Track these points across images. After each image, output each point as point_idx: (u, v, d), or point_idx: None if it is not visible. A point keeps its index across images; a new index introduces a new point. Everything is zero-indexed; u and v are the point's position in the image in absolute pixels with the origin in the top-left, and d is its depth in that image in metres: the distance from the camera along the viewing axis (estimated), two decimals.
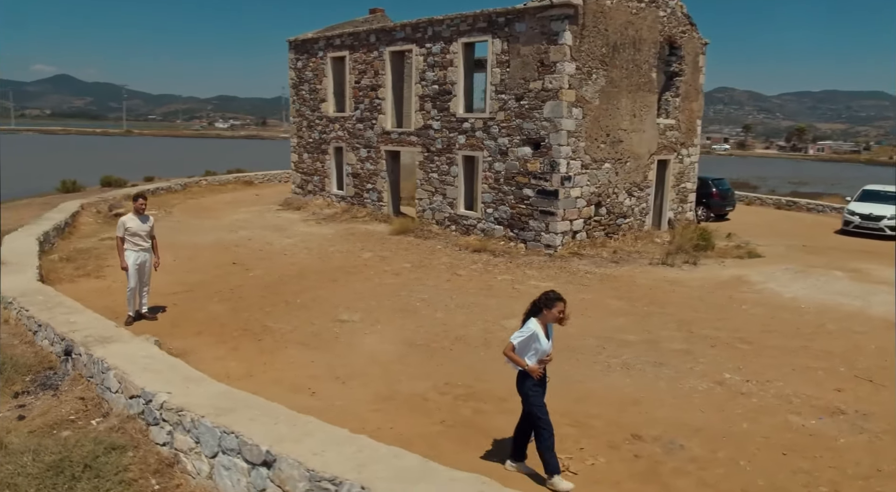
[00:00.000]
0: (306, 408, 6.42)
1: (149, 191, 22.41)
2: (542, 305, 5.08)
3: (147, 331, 8.50)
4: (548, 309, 5.05)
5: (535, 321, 5.08)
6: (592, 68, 13.53)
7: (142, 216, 9.09)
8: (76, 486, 4.76)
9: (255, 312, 9.55)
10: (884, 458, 5.55)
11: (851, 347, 8.44)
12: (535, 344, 5.06)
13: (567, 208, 13.61)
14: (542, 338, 5.07)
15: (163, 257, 13.08)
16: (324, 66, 19.05)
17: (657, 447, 5.74)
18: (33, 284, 9.03)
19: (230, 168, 33.01)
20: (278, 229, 16.47)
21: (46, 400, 6.25)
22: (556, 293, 5.13)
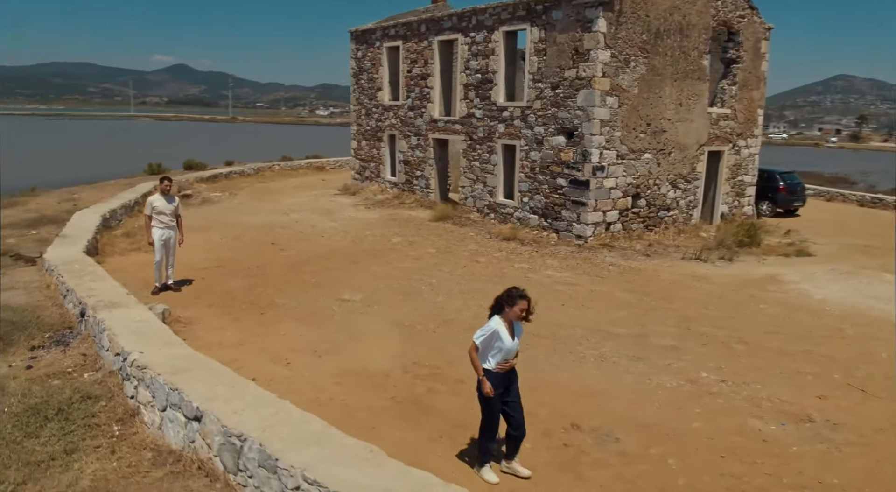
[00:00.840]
0: (274, 376, 6.95)
1: (222, 174, 24.05)
2: (505, 303, 4.92)
3: (168, 300, 9.34)
4: (510, 307, 4.88)
5: (497, 319, 4.94)
6: (631, 56, 13.14)
7: (167, 197, 9.91)
8: (46, 426, 5.45)
9: (269, 288, 10.19)
10: (832, 470, 5.26)
11: (861, 353, 7.88)
12: (498, 342, 4.91)
13: (599, 199, 13.36)
14: (504, 336, 4.90)
15: (210, 236, 14.20)
16: (380, 56, 19.58)
17: (590, 439, 5.74)
18: (77, 254, 10.11)
19: (308, 154, 34.55)
20: (327, 213, 17.23)
21: (55, 354, 7.08)
22: (520, 291, 4.95)
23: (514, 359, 5.04)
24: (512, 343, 4.96)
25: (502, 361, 4.95)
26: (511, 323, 4.97)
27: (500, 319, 4.93)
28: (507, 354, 4.96)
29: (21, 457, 5.02)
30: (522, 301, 4.87)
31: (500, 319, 4.93)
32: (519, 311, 4.89)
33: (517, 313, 4.89)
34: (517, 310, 4.87)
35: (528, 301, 4.91)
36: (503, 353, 4.93)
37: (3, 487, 4.71)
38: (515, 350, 5.03)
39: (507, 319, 4.94)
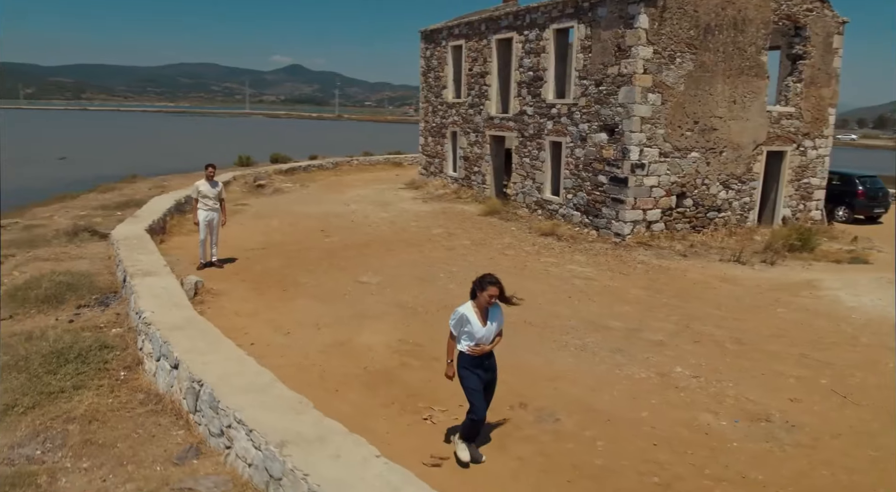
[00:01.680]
0: (271, 343, 7.73)
1: (301, 167, 25.60)
2: (476, 288, 4.96)
3: (209, 275, 10.43)
4: (480, 292, 4.92)
5: (468, 304, 5.00)
6: (676, 52, 12.88)
7: (212, 182, 10.98)
8: (65, 366, 6.47)
9: (300, 269, 11.06)
10: (762, 468, 5.21)
11: (866, 361, 7.52)
12: (468, 327, 4.97)
13: (639, 197, 13.22)
14: (473, 322, 4.95)
15: (270, 222, 15.39)
16: (445, 55, 20.18)
17: (531, 417, 6.00)
18: (139, 231, 11.46)
19: (390, 150, 35.83)
20: (384, 205, 18.06)
21: (95, 312, 8.23)
22: (492, 277, 4.96)
23: (490, 345, 5.07)
24: (483, 329, 4.97)
25: (474, 345, 5.01)
26: (485, 309, 4.99)
27: (472, 305, 4.99)
28: (480, 340, 4.99)
29: (37, 388, 6.04)
30: (492, 287, 4.89)
31: (472, 305, 4.99)
32: (488, 297, 4.91)
33: (486, 299, 4.92)
34: (486, 296, 4.90)
35: (499, 288, 4.92)
36: (472, 339, 4.98)
37: (15, 409, 5.72)
38: (489, 336, 5.03)
39: (478, 305, 4.97)
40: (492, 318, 5.03)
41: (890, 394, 6.62)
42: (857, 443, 5.62)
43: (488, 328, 5.01)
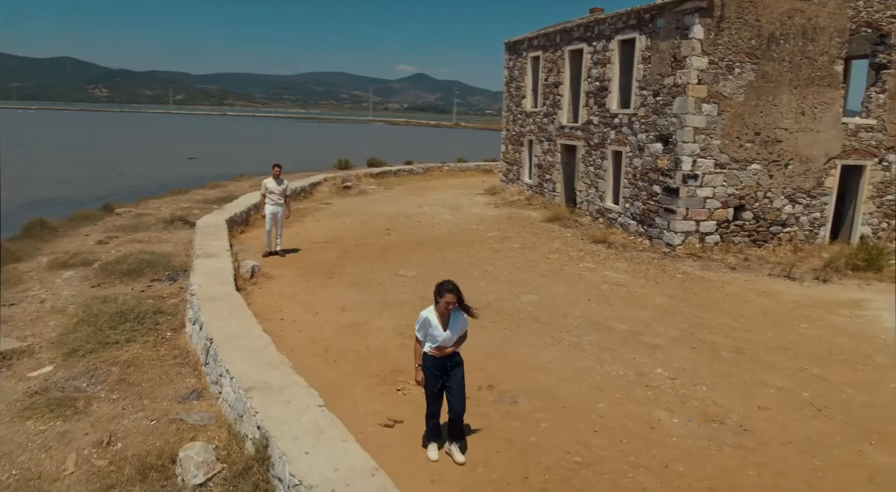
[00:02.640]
0: (297, 319, 8.83)
1: (391, 171, 27.10)
2: (436, 294, 5.08)
3: (270, 262, 11.81)
4: (439, 298, 5.04)
5: (430, 309, 5.16)
6: (735, 62, 12.68)
7: (277, 180, 12.35)
8: (123, 323, 7.91)
9: (349, 261, 12.18)
10: (688, 461, 5.42)
11: (865, 380, 7.32)
12: (431, 330, 5.12)
13: (692, 208, 13.13)
14: (435, 326, 5.09)
15: (343, 220, 16.78)
16: (525, 65, 20.76)
17: (492, 398, 6.57)
18: (219, 221, 13.11)
19: (486, 157, 36.71)
20: (454, 209, 18.94)
21: (164, 285, 9.77)
22: (449, 285, 5.04)
23: (451, 347, 5.18)
24: (444, 334, 5.09)
25: (436, 347, 5.16)
26: (447, 315, 5.10)
27: (433, 309, 5.13)
28: (441, 343, 5.13)
29: (98, 338, 7.48)
30: (448, 294, 4.98)
31: (433, 309, 5.13)
32: (444, 304, 5.00)
33: (444, 306, 5.01)
34: (444, 302, 5.00)
35: (455, 295, 4.98)
36: (436, 341, 5.13)
37: (78, 352, 7.16)
38: (450, 340, 5.15)
39: (438, 311, 5.09)
40: (453, 323, 5.12)
41: (873, 413, 6.50)
42: (804, 452, 5.68)
43: (447, 334, 5.10)
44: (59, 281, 9.98)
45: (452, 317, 5.13)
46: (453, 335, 5.15)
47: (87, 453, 5.23)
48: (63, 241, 13.15)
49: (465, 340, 5.41)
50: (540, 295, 10.27)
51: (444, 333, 5.09)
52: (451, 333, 5.13)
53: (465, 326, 5.30)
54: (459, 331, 5.21)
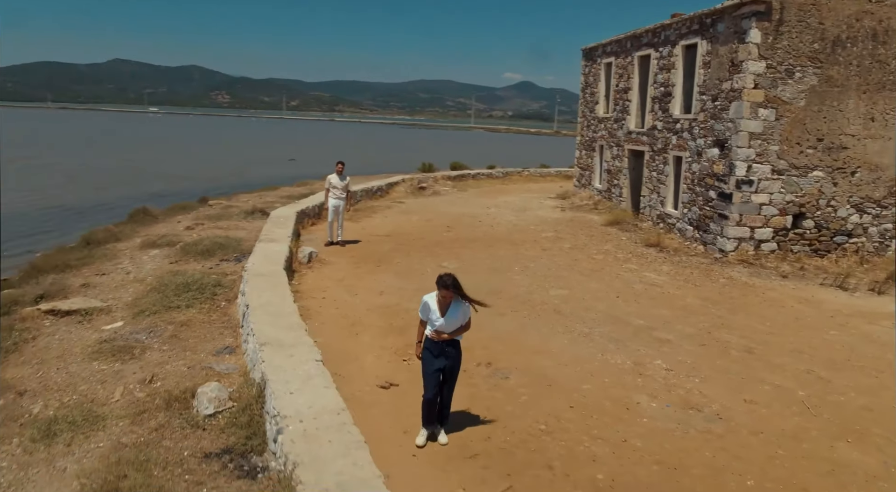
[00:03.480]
0: (337, 298, 9.80)
1: (470, 175, 27.90)
2: (437, 284, 5.36)
3: (330, 251, 12.92)
4: (438, 289, 5.35)
5: (433, 294, 5.43)
6: (795, 66, 12.38)
7: (340, 176, 13.45)
8: (186, 293, 9.16)
9: (400, 253, 13.05)
10: (650, 439, 5.73)
11: (873, 386, 7.21)
12: (430, 314, 5.42)
13: (746, 214, 12.92)
14: (433, 311, 5.38)
15: (410, 218, 17.77)
16: (599, 71, 20.90)
17: (487, 372, 7.13)
18: (289, 213, 14.44)
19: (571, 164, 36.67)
20: (520, 211, 19.42)
21: (230, 265, 11.05)
22: (446, 280, 5.30)
23: (449, 334, 5.41)
24: (441, 319, 5.35)
25: (433, 331, 5.45)
26: (447, 303, 5.36)
27: (436, 295, 5.40)
28: (439, 328, 5.39)
29: (164, 303, 8.76)
30: (443, 290, 5.29)
31: (436, 295, 5.40)
32: (440, 296, 5.34)
33: (440, 297, 5.34)
34: (439, 295, 5.35)
35: (449, 290, 5.27)
36: (434, 325, 5.42)
37: (144, 313, 8.46)
38: (448, 326, 5.39)
39: (438, 298, 5.39)
40: (452, 311, 5.38)
41: (866, 415, 6.47)
42: (771, 442, 5.83)
43: (447, 320, 5.36)
44: (146, 258, 11.55)
45: (452, 306, 5.36)
46: (450, 323, 5.37)
47: (132, 387, 6.36)
48: (159, 226, 14.99)
49: (468, 330, 5.59)
50: (570, 290, 10.65)
51: (440, 318, 5.35)
52: (448, 320, 5.36)
53: (466, 316, 5.48)
54: (459, 320, 5.41)
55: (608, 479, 5.09)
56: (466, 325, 5.55)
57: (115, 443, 5.31)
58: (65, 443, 5.32)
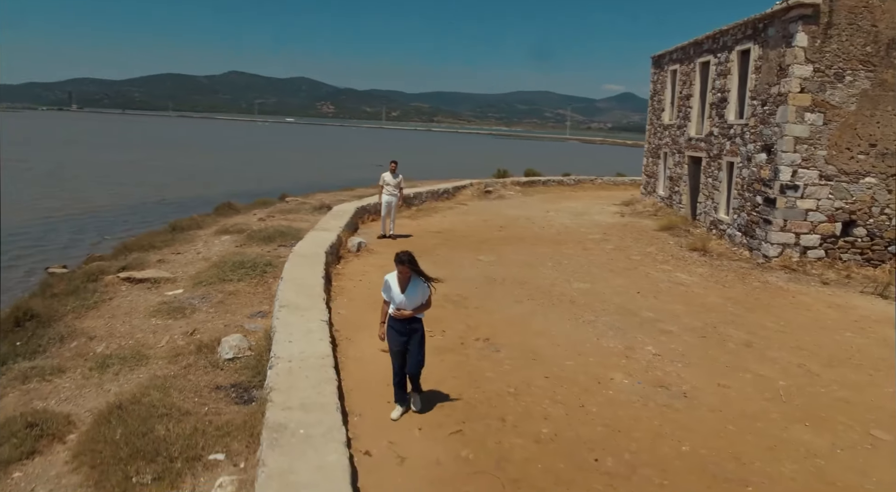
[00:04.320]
0: (371, 282, 10.75)
1: (540, 181, 28.37)
2: (394, 261, 5.70)
3: (380, 242, 14.01)
4: (396, 265, 5.69)
5: (393, 273, 5.77)
6: (846, 70, 12.14)
7: (394, 174, 14.51)
8: (240, 269, 10.48)
9: (445, 247, 13.91)
10: (607, 408, 6.20)
11: (863, 382, 7.26)
12: (390, 293, 5.74)
13: (790, 219, 12.75)
14: (393, 289, 5.72)
15: (468, 218, 18.62)
16: (665, 79, 20.89)
17: (482, 346, 7.81)
18: (350, 208, 15.71)
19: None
20: (577, 215, 19.76)
21: (285, 249, 12.36)
22: (402, 256, 5.64)
23: (409, 311, 5.73)
24: (401, 296, 5.67)
25: (396, 309, 5.76)
26: (406, 280, 5.71)
27: (395, 275, 5.76)
28: (399, 305, 5.71)
29: (219, 276, 10.11)
30: (399, 266, 5.64)
31: (395, 275, 5.76)
32: (398, 273, 5.70)
33: (399, 272, 5.69)
34: (398, 270, 5.70)
35: (406, 267, 5.63)
36: (394, 302, 5.74)
37: (202, 283, 9.82)
38: (408, 303, 5.70)
39: (398, 276, 5.74)
40: (412, 288, 5.70)
41: (840, 406, 6.60)
42: (726, 420, 6.15)
43: (407, 296, 5.67)
44: (217, 242, 13.12)
45: (412, 283, 5.70)
46: (409, 300, 5.68)
47: (176, 337, 7.62)
48: (237, 217, 16.71)
49: (429, 309, 5.97)
50: (593, 285, 11.09)
51: (400, 295, 5.66)
52: (407, 297, 5.67)
53: (426, 295, 5.82)
54: (418, 298, 5.74)
55: (551, 433, 5.69)
56: (427, 303, 5.86)
57: (152, 375, 6.52)
58: (113, 373, 6.59)
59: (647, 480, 5.00)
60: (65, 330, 7.83)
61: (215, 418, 5.36)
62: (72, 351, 7.28)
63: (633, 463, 5.24)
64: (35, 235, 20.50)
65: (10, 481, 4.56)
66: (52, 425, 5.21)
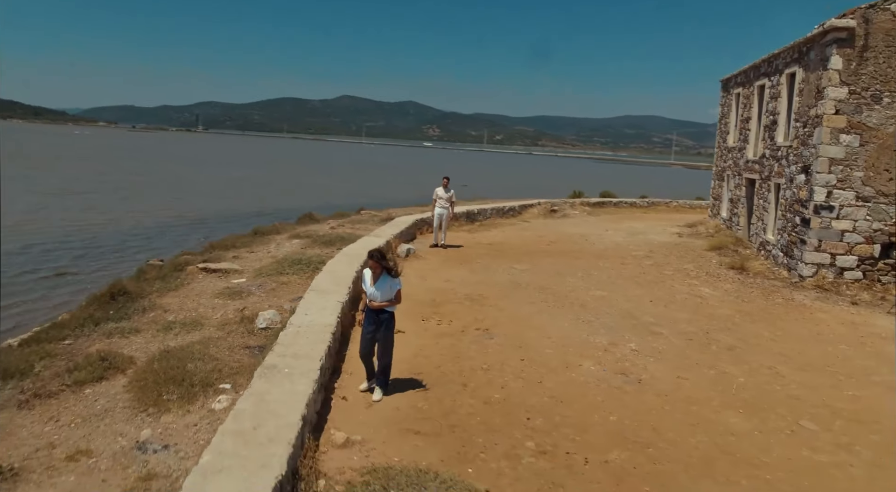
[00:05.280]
0: (410, 282, 12.08)
1: (611, 202, 28.81)
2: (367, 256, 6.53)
3: (430, 251, 15.42)
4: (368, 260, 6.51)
5: (367, 269, 6.58)
6: (883, 92, 12.18)
7: (445, 188, 15.89)
8: (296, 265, 12.20)
9: (488, 257, 15.07)
10: (561, 385, 7.19)
11: (826, 385, 7.70)
12: (364, 285, 6.58)
13: (825, 240, 12.85)
14: (366, 281, 6.48)
15: (524, 233, 19.67)
16: (731, 102, 21.00)
17: (478, 335, 8.93)
18: (409, 220, 17.25)
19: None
20: (633, 235, 20.22)
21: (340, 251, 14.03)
22: (374, 253, 6.48)
23: (378, 304, 6.40)
24: (371, 289, 6.40)
25: (368, 300, 6.53)
26: (377, 275, 6.42)
27: (370, 269, 6.47)
28: (370, 296, 6.45)
29: (278, 270, 11.86)
30: (370, 260, 6.47)
31: (370, 269, 6.47)
32: (370, 267, 6.46)
33: (371, 266, 6.46)
34: (368, 265, 6.54)
35: (374, 262, 6.43)
36: (367, 293, 6.54)
37: (262, 276, 11.61)
38: (377, 296, 6.39)
39: (371, 271, 6.48)
40: (381, 283, 6.41)
41: (789, 402, 7.13)
42: (665, 402, 6.91)
43: (377, 289, 6.38)
44: (287, 244, 15.04)
45: (382, 278, 6.41)
46: (379, 292, 6.37)
47: (228, 313, 9.33)
48: (313, 225, 18.73)
49: (399, 303, 6.65)
50: (610, 293, 11.86)
51: (370, 287, 6.38)
52: (377, 290, 6.36)
53: (394, 290, 6.49)
54: (387, 292, 6.43)
55: (501, 398, 6.76)
56: (396, 297, 6.53)
57: (202, 337, 8.22)
58: (174, 334, 8.34)
59: (564, 435, 5.97)
60: (147, 304, 9.77)
61: (234, 364, 6.90)
62: (149, 319, 9.16)
63: (559, 424, 6.21)
64: (148, 235, 23.84)
65: (83, 394, 6.28)
66: (119, 361, 6.94)
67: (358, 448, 5.51)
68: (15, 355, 7.25)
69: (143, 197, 37.47)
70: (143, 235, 24.20)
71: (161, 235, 24.51)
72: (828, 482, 5.38)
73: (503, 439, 5.83)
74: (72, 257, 20.09)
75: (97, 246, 22.23)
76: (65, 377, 6.52)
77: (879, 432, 6.41)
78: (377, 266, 6.43)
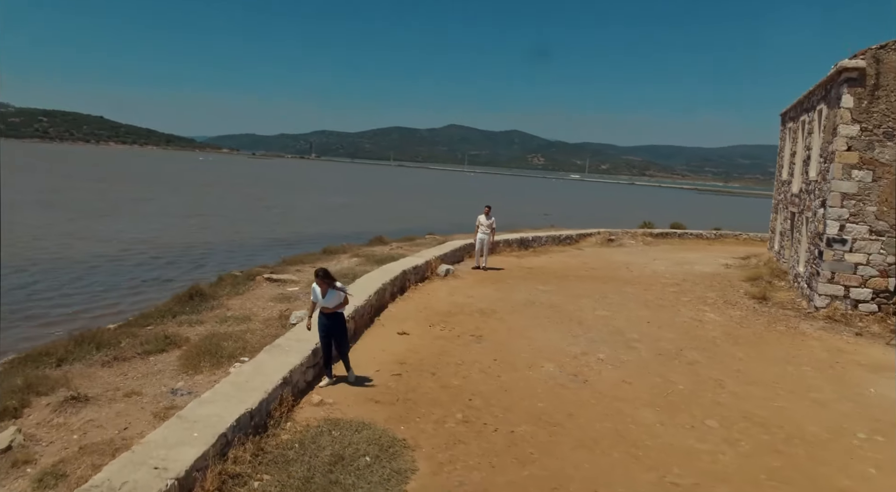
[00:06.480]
0: (439, 297, 13.97)
1: (675, 234, 29.13)
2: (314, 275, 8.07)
3: (471, 273, 17.13)
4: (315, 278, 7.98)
5: (314, 284, 8.00)
6: (894, 129, 12.60)
7: (487, 216, 17.56)
8: (343, 278, 14.32)
9: (522, 278, 16.53)
10: (516, 381, 8.67)
11: (766, 396, 8.58)
12: (316, 296, 7.92)
13: (839, 272, 13.27)
14: (316, 292, 7.88)
15: (568, 259, 20.90)
16: (785, 135, 21.22)
17: (470, 340, 10.53)
18: (458, 244, 19.05)
19: None
20: (679, 265, 20.79)
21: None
22: (319, 272, 7.90)
23: (332, 308, 7.87)
24: (321, 299, 7.85)
25: (321, 307, 7.90)
26: (325, 290, 7.84)
27: (319, 283, 7.88)
28: (320, 304, 7.89)
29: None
30: (317, 278, 7.92)
31: (319, 283, 7.88)
32: (317, 283, 7.91)
33: (317, 283, 7.90)
34: (316, 282, 7.95)
35: (319, 279, 7.87)
36: (319, 302, 7.91)
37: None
38: (327, 303, 7.84)
39: (319, 286, 7.89)
40: (329, 294, 7.86)
41: (708, 406, 8.18)
42: (595, 397, 8.18)
43: (326, 299, 7.84)
44: (346, 262, 17.26)
45: (330, 291, 7.89)
46: (329, 300, 7.87)
47: (274, 312, 11.54)
48: (379, 247, 20.98)
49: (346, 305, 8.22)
50: (614, 313, 13.00)
51: (321, 298, 7.89)
52: (328, 299, 7.87)
53: (341, 298, 7.97)
54: (335, 300, 7.90)
55: (457, 385, 8.36)
56: (344, 302, 8.06)
57: (246, 328, 10.42)
58: (228, 325, 10.62)
59: (490, 413, 7.49)
60: (215, 304, 12.21)
61: (257, 345, 8.98)
62: (213, 314, 11.54)
63: (492, 404, 7.73)
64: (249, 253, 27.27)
65: (148, 360, 8.57)
66: (178, 340, 9.23)
67: (328, 407, 7.36)
68: (109, 334, 9.78)
69: (255, 221, 42.03)
70: (245, 253, 27.81)
71: (258, 253, 27.96)
72: (690, 463, 6.53)
73: (440, 410, 7.44)
74: (180, 269, 23.68)
75: (201, 259, 25.92)
76: (138, 348, 8.89)
77: (774, 434, 7.36)
78: (322, 283, 7.90)
